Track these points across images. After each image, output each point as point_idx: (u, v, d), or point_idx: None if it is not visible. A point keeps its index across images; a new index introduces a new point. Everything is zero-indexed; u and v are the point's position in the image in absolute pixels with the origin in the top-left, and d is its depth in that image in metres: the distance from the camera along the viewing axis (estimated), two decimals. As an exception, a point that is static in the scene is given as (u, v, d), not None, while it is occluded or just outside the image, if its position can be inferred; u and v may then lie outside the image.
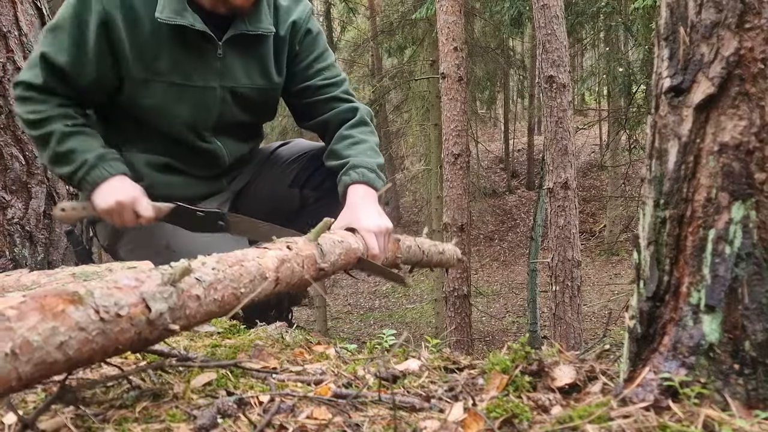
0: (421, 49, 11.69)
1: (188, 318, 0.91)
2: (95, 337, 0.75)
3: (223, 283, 0.99)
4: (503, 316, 12.21)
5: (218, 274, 0.99)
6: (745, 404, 0.78)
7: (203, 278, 0.95)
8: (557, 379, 0.92)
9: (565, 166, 5.71)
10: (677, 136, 0.83)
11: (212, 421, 0.83)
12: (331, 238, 1.47)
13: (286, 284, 1.21)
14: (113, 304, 0.79)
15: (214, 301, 0.96)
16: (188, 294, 0.91)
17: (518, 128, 20.11)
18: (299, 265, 1.25)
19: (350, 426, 0.84)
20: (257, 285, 1.08)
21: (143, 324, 0.82)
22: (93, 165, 1.74)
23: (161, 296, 0.86)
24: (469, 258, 7.39)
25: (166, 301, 0.86)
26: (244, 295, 1.04)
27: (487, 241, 15.95)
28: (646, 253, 0.87)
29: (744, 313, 0.79)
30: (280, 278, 1.17)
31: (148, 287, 0.85)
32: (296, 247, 1.27)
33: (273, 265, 1.15)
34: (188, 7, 1.78)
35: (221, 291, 0.98)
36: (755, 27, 0.78)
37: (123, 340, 0.80)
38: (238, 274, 1.04)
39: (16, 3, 2.30)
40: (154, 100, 1.84)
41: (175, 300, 0.88)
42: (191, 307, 0.91)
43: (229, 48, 1.86)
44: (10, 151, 2.29)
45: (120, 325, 0.79)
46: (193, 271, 0.94)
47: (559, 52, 5.68)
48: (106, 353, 0.78)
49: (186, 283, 0.91)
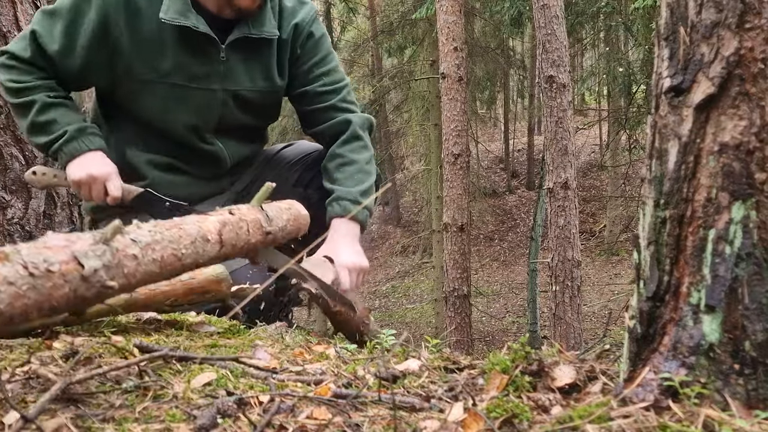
0: (421, 49, 11.69)
1: (127, 276, 0.94)
2: (26, 291, 0.77)
3: (161, 244, 1.02)
4: (503, 316, 12.22)
5: (155, 236, 1.02)
6: (745, 404, 0.78)
7: (139, 239, 0.98)
8: (557, 379, 0.92)
9: (565, 166, 5.72)
10: (677, 136, 0.83)
11: (212, 421, 0.83)
12: (278, 205, 1.49)
13: (233, 247, 1.23)
14: (42, 260, 0.81)
15: (153, 261, 0.99)
16: (124, 253, 0.94)
17: (518, 128, 20.11)
18: (245, 230, 1.28)
19: (350, 426, 0.84)
20: (199, 247, 1.11)
21: (78, 281, 0.84)
22: (72, 137, 1.76)
23: (94, 254, 0.88)
24: (469, 258, 7.39)
25: (99, 259, 0.89)
26: (186, 256, 1.07)
27: (487, 241, 15.96)
28: (646, 253, 0.87)
29: (744, 313, 0.79)
30: (225, 240, 1.19)
31: (80, 246, 0.87)
32: (239, 212, 1.30)
33: (215, 228, 1.18)
34: (192, 9, 1.78)
35: (160, 251, 1.01)
36: (755, 27, 0.78)
37: (58, 297, 0.82)
38: (177, 235, 1.07)
39: (16, 3, 2.30)
40: (155, 101, 1.84)
41: (110, 258, 0.90)
42: (129, 266, 0.94)
43: (232, 51, 1.86)
44: (10, 151, 2.29)
45: (52, 280, 0.81)
46: (126, 232, 0.97)
47: (559, 52, 5.68)
48: (42, 309, 0.80)
49: (120, 243, 0.94)
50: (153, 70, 1.81)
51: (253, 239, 1.31)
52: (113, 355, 1.10)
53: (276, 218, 1.43)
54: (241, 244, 1.27)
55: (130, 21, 1.76)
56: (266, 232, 1.37)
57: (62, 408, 0.86)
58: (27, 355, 1.06)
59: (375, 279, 15.03)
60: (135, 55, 1.78)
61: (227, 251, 1.22)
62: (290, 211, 1.53)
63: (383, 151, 14.47)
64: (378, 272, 15.26)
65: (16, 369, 0.94)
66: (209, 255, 1.15)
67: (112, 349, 1.11)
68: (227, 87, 1.89)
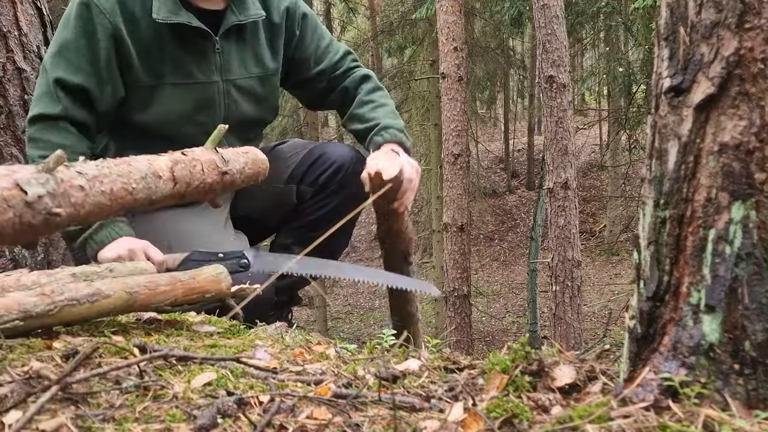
0: (421, 49, 11.69)
1: (75, 206, 0.96)
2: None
3: (109, 178, 1.05)
4: (503, 316, 12.21)
5: (102, 170, 1.05)
6: (745, 404, 0.78)
7: (85, 171, 1.01)
8: (557, 379, 0.92)
9: (565, 166, 5.72)
10: (677, 136, 0.83)
11: (212, 421, 0.83)
12: (234, 150, 1.51)
13: (187, 186, 1.26)
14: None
15: (102, 193, 1.02)
16: (70, 184, 0.96)
17: (518, 128, 20.10)
18: (199, 169, 1.29)
19: (350, 426, 0.84)
20: (151, 183, 1.14)
21: (22, 206, 0.87)
22: (101, 225, 1.71)
23: (37, 182, 0.90)
24: (469, 258, 7.39)
25: (43, 186, 0.91)
26: (138, 191, 1.10)
27: (487, 241, 15.95)
28: (646, 253, 0.87)
29: (744, 313, 0.79)
30: (177, 178, 1.22)
31: (22, 174, 0.89)
32: (192, 153, 1.32)
33: (166, 166, 1.20)
34: (182, 7, 1.80)
35: (109, 184, 1.04)
36: (755, 27, 0.78)
37: (3, 222, 0.84)
38: (126, 171, 1.10)
39: (16, 3, 2.30)
40: (161, 106, 1.84)
41: (54, 186, 0.93)
42: (76, 196, 0.97)
43: (225, 41, 1.89)
44: (10, 151, 2.29)
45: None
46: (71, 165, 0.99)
47: (559, 52, 5.68)
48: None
49: (65, 174, 0.96)
50: (155, 73, 1.82)
51: (209, 179, 1.33)
52: (113, 355, 1.10)
53: (232, 161, 1.44)
54: (196, 182, 1.28)
55: (129, 29, 1.77)
56: (223, 172, 1.38)
57: (62, 408, 0.86)
58: (27, 355, 1.06)
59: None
60: (139, 62, 1.79)
61: (182, 189, 1.24)
62: (248, 155, 1.54)
63: (383, 151, 14.42)
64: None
65: (16, 369, 0.95)
66: (162, 192, 1.18)
67: (112, 349, 1.11)
68: (227, 77, 1.91)
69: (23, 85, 2.26)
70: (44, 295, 1.19)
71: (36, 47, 2.32)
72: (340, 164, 2.03)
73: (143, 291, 1.33)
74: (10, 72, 2.27)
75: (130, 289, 1.30)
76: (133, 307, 1.34)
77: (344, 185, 2.02)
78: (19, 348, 1.10)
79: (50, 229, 0.93)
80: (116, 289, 1.28)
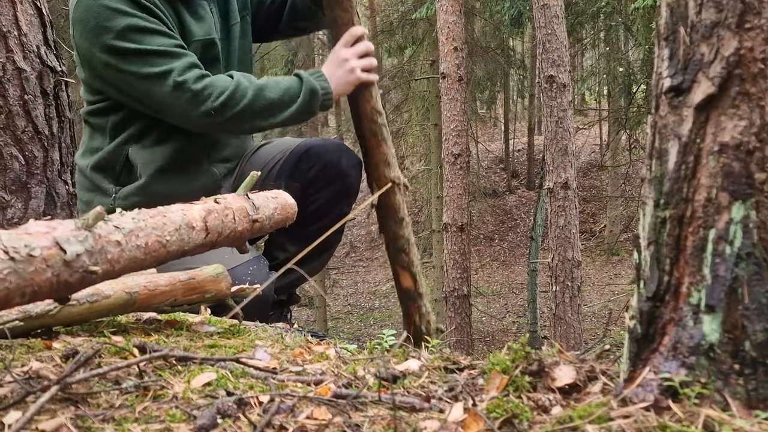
0: (421, 49, 11.68)
1: (111, 262, 0.95)
2: (7, 276, 0.79)
3: (144, 231, 1.03)
4: (503, 317, 12.21)
5: (138, 223, 1.03)
6: (745, 404, 0.78)
7: (122, 225, 0.99)
8: (557, 379, 0.92)
9: (565, 166, 5.72)
10: (677, 136, 0.83)
11: (212, 421, 0.83)
12: (264, 194, 1.51)
13: (219, 235, 1.25)
14: (23, 246, 0.82)
15: (137, 247, 1.01)
16: (107, 240, 0.95)
17: (518, 128, 20.09)
18: (230, 218, 1.29)
19: (350, 426, 0.84)
20: (185, 234, 1.13)
21: (60, 265, 0.85)
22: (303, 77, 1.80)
23: (76, 239, 0.89)
24: (469, 258, 7.39)
25: (81, 244, 0.89)
26: (171, 243, 1.08)
27: (487, 241, 15.95)
28: (646, 253, 0.87)
29: (744, 313, 0.79)
30: (210, 228, 1.21)
31: (61, 232, 0.88)
32: (224, 201, 1.31)
33: (200, 216, 1.19)
34: None
35: (144, 238, 1.02)
36: (755, 27, 0.78)
37: (40, 282, 0.83)
38: (161, 223, 1.08)
39: (15, 3, 2.30)
40: None
41: (92, 243, 0.91)
42: (112, 252, 0.95)
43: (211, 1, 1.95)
44: (10, 151, 2.29)
45: (34, 265, 0.82)
46: (109, 219, 0.98)
47: (559, 52, 5.68)
48: (24, 294, 0.81)
49: (103, 230, 0.95)
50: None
51: (240, 227, 1.32)
52: (113, 355, 1.10)
53: (263, 207, 1.44)
54: (227, 231, 1.28)
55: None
56: (253, 220, 1.38)
57: (62, 408, 0.86)
58: (27, 355, 1.06)
59: (375, 279, 15.02)
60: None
61: (213, 239, 1.23)
62: (277, 200, 1.54)
63: (383, 151, 14.42)
64: (378, 272, 15.25)
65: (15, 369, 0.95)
66: (195, 242, 1.16)
67: (112, 349, 1.11)
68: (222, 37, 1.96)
69: (23, 85, 2.26)
70: (44, 295, 1.19)
71: (36, 47, 2.31)
72: (328, 159, 2.03)
73: (143, 291, 1.33)
74: (10, 72, 2.27)
75: (130, 289, 1.31)
76: (132, 307, 1.34)
77: (333, 180, 2.03)
78: (19, 348, 1.10)
79: (84, 286, 0.92)
80: (116, 290, 1.28)
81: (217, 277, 1.46)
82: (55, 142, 2.35)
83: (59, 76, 2.37)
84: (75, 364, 0.89)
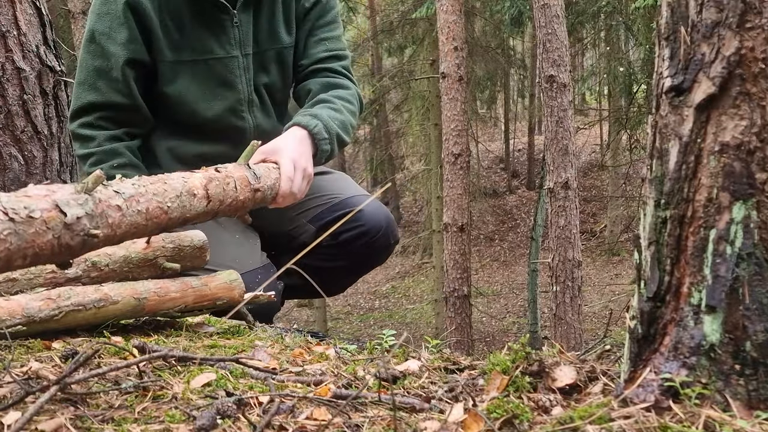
0: (421, 48, 11.68)
1: (112, 227, 0.95)
2: (8, 236, 0.78)
3: (145, 197, 1.03)
4: (504, 317, 12.21)
5: (139, 189, 1.03)
6: (746, 405, 0.78)
7: (122, 191, 0.99)
8: (558, 379, 0.92)
9: (565, 166, 5.71)
10: (678, 136, 0.83)
11: (212, 421, 0.82)
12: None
13: (220, 203, 1.25)
14: (23, 207, 0.81)
15: (138, 212, 1.00)
16: (107, 204, 0.95)
17: (518, 128, 20.09)
18: (232, 186, 1.29)
19: (350, 427, 0.83)
20: (186, 201, 1.13)
21: (60, 228, 0.85)
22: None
23: (75, 203, 0.89)
24: (470, 258, 7.38)
25: (81, 207, 0.89)
26: (173, 210, 1.08)
27: (488, 241, 15.95)
28: (647, 253, 0.87)
29: (745, 313, 0.79)
30: (211, 195, 1.21)
31: (61, 195, 0.88)
32: (225, 170, 1.31)
33: (201, 183, 1.19)
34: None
35: (145, 204, 1.02)
36: (756, 26, 0.78)
37: (41, 244, 0.83)
38: (162, 189, 1.08)
39: (15, 2, 2.30)
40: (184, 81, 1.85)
41: (92, 207, 0.91)
42: (113, 216, 0.95)
43: (243, 14, 1.87)
44: (9, 150, 2.29)
45: (34, 227, 0.82)
46: (109, 184, 0.98)
47: (560, 52, 5.67)
48: (26, 256, 0.81)
49: (103, 194, 0.95)
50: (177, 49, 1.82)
51: (242, 196, 1.32)
52: (112, 356, 1.09)
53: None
54: (229, 200, 1.28)
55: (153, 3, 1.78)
56: (255, 189, 1.38)
57: (61, 408, 0.86)
58: (26, 356, 1.06)
59: (375, 279, 15.01)
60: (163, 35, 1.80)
61: (215, 207, 1.23)
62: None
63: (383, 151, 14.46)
64: (378, 272, 15.24)
65: (15, 369, 0.94)
66: (196, 210, 1.17)
67: (112, 349, 1.11)
68: (246, 52, 1.89)
69: (22, 85, 2.26)
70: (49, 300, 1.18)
71: (35, 47, 2.31)
72: (367, 230, 1.96)
73: (152, 297, 1.30)
74: (9, 72, 2.27)
75: (139, 294, 1.28)
76: (140, 313, 1.32)
77: (360, 250, 1.98)
78: (19, 348, 1.10)
79: (86, 250, 0.92)
80: (125, 295, 1.27)
81: (230, 284, 1.43)
82: (55, 141, 2.35)
83: (58, 76, 2.37)
84: (74, 364, 0.88)
